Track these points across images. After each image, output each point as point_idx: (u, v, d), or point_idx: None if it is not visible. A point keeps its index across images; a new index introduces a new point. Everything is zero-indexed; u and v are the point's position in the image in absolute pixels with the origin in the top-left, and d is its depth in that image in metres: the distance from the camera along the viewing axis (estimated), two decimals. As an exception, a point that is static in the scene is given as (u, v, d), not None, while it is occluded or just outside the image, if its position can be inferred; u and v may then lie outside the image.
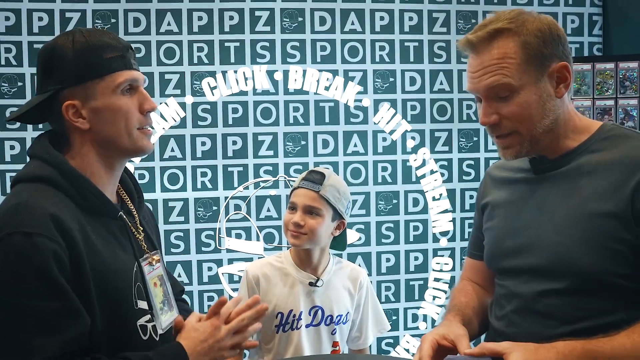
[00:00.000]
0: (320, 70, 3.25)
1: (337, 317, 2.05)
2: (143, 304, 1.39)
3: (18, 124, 3.04)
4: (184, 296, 3.11)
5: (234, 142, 3.22)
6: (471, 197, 3.38)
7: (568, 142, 1.45)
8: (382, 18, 3.31)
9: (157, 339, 1.40)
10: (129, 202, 1.49)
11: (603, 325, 1.33)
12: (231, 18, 3.20)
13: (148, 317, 1.39)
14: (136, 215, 1.49)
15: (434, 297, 3.39)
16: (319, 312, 2.03)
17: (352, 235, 3.31)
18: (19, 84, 3.06)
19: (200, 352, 1.36)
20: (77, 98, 1.33)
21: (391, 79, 3.32)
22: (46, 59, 1.35)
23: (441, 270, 3.39)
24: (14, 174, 1.39)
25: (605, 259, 1.33)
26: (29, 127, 3.03)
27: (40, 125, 2.98)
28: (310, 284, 2.03)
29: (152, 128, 1.46)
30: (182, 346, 1.35)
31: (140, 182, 3.06)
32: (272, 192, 3.24)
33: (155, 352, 1.33)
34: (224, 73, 3.19)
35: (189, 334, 1.38)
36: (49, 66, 1.34)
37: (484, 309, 1.61)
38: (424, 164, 3.36)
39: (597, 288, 1.35)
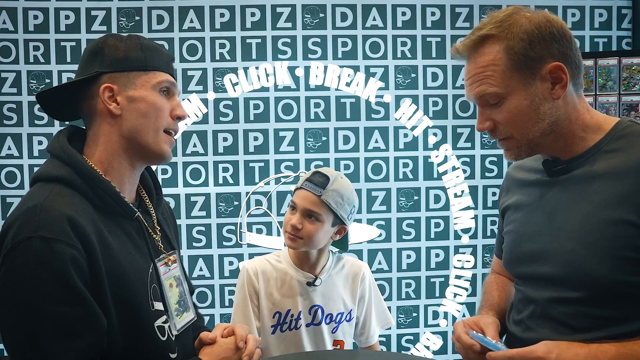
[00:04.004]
0: (341, 66, 3.26)
1: (337, 315, 2.01)
2: (159, 305, 1.39)
3: (46, 120, 3.13)
4: (204, 289, 3.21)
5: (256, 138, 3.24)
6: (494, 194, 3.34)
7: (580, 142, 1.37)
8: (403, 13, 3.29)
9: (174, 339, 1.41)
10: (148, 200, 1.50)
11: (619, 334, 1.28)
12: (253, 15, 3.22)
13: (165, 318, 1.39)
14: (154, 214, 1.49)
15: (455, 295, 3.37)
16: (319, 311, 1.99)
17: (372, 232, 3.31)
18: (47, 80, 3.14)
19: None
20: (117, 83, 1.36)
21: (413, 75, 3.30)
22: (97, 46, 1.38)
23: (462, 268, 3.36)
24: (42, 169, 1.42)
25: (620, 269, 1.27)
26: (56, 123, 3.12)
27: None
28: (308, 283, 1.98)
29: (175, 138, 1.46)
30: None
31: (162, 177, 3.16)
32: (293, 187, 3.24)
33: None
34: (245, 69, 3.22)
35: (211, 349, 1.44)
36: (98, 51, 1.37)
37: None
38: (445, 160, 3.33)
39: (612, 298, 1.29)
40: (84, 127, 1.44)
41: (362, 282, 2.07)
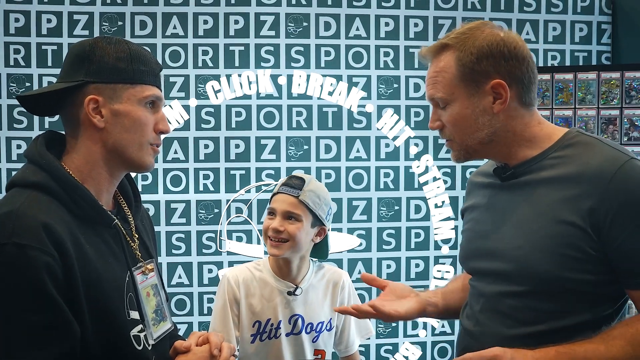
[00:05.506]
0: (324, 75, 3.27)
1: (317, 324, 2.01)
2: (135, 314, 1.37)
3: (25, 123, 3.10)
4: (183, 297, 3.19)
5: (237, 146, 3.23)
6: (474, 205, 3.35)
7: (527, 151, 1.46)
8: (387, 24, 3.31)
9: (150, 348, 1.40)
10: (126, 207, 1.48)
11: (560, 327, 1.38)
12: (236, 22, 3.22)
13: (140, 327, 1.37)
14: (132, 222, 1.47)
15: (435, 305, 3.37)
16: (299, 320, 2.00)
17: (352, 241, 3.31)
18: (27, 84, 3.11)
19: None
20: (103, 95, 1.33)
21: (395, 85, 3.32)
22: (85, 50, 1.34)
23: (442, 278, 3.37)
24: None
25: (562, 265, 1.36)
26: (35, 126, 3.09)
27: (46, 124, 3.05)
28: (289, 293, 2.00)
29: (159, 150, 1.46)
30: None
31: (142, 183, 3.14)
32: (274, 196, 3.24)
33: None
34: (228, 77, 3.22)
35: (186, 357, 1.43)
36: (85, 57, 1.34)
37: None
38: (426, 170, 3.34)
39: (555, 292, 1.38)
40: (63, 132, 1.42)
41: (342, 290, 2.08)
